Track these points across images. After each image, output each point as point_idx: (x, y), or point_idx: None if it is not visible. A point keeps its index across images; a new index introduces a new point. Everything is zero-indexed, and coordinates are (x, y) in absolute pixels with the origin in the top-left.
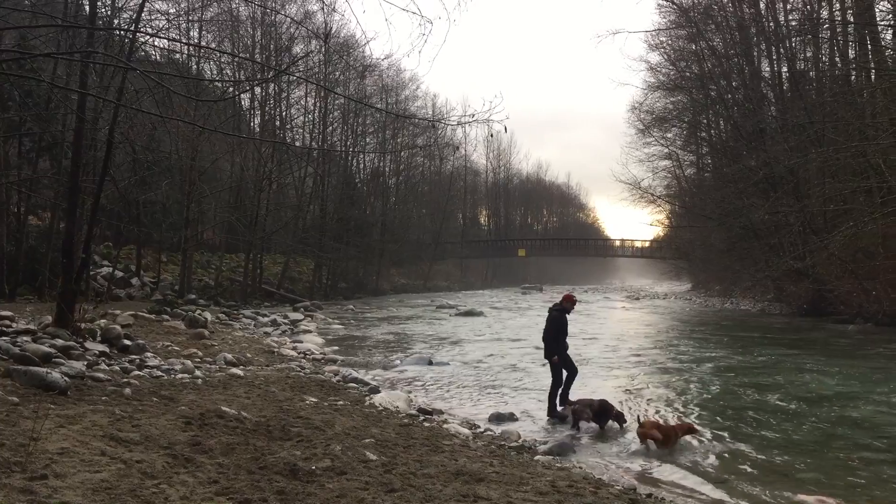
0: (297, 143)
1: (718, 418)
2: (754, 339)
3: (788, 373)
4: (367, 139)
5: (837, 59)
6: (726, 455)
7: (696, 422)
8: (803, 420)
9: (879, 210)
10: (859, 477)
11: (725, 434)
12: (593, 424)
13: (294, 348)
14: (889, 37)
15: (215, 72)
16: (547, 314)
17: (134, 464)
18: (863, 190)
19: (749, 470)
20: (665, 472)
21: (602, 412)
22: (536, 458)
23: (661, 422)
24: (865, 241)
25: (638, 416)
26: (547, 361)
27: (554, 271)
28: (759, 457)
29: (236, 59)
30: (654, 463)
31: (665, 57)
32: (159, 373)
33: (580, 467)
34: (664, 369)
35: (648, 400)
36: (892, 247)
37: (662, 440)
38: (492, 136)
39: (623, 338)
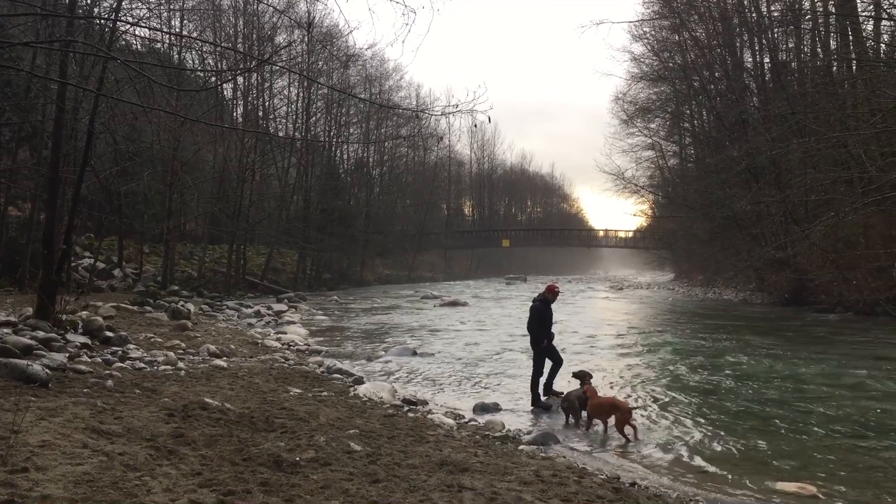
0: (281, 134)
1: (698, 407)
2: (735, 329)
3: (768, 362)
4: (351, 129)
5: (819, 50)
6: (707, 443)
7: (676, 410)
8: (781, 408)
9: (860, 200)
10: (836, 464)
11: (705, 422)
12: (584, 417)
13: (278, 339)
14: (870, 28)
15: (197, 61)
16: (531, 304)
17: (116, 456)
18: (844, 180)
19: (730, 458)
20: (647, 460)
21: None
22: (521, 447)
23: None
24: (846, 231)
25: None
26: (532, 351)
27: (538, 262)
28: (739, 445)
29: (218, 48)
30: (636, 452)
31: (648, 47)
32: (142, 364)
33: (564, 457)
34: (644, 358)
35: (629, 387)
36: (873, 237)
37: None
38: (475, 126)
39: (605, 327)
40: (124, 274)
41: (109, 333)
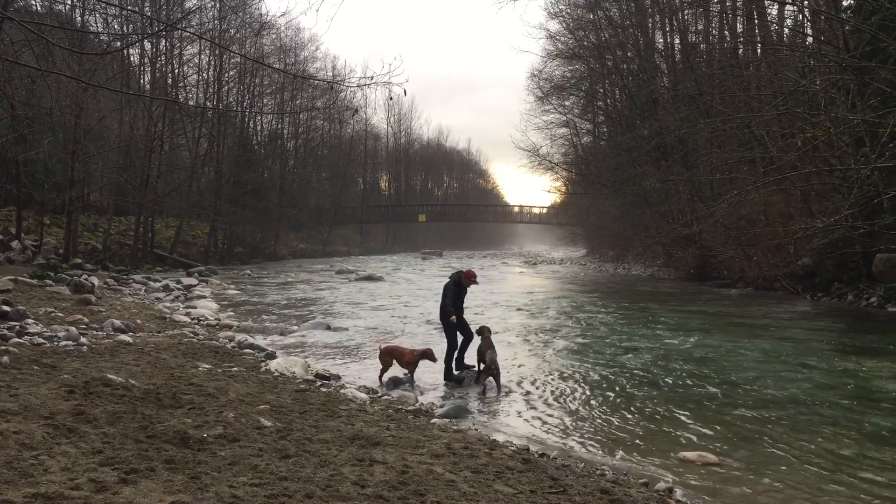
0: (191, 103)
1: (605, 380)
2: (641, 304)
3: (669, 335)
4: (265, 100)
5: (726, 33)
6: (613, 415)
7: (583, 383)
8: (682, 379)
9: (762, 179)
10: (733, 433)
11: (612, 395)
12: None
13: (187, 314)
14: (774, 12)
15: (101, 24)
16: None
17: (11, 435)
18: (747, 160)
19: (635, 429)
20: (557, 432)
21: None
22: (433, 421)
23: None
24: (748, 209)
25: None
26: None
27: (454, 237)
28: (644, 416)
29: (124, 11)
30: (547, 425)
31: (564, 25)
32: (41, 340)
33: (476, 429)
34: (552, 332)
35: (537, 361)
36: (773, 214)
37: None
38: (391, 99)
39: (516, 302)
40: (23, 246)
41: (6, 307)
